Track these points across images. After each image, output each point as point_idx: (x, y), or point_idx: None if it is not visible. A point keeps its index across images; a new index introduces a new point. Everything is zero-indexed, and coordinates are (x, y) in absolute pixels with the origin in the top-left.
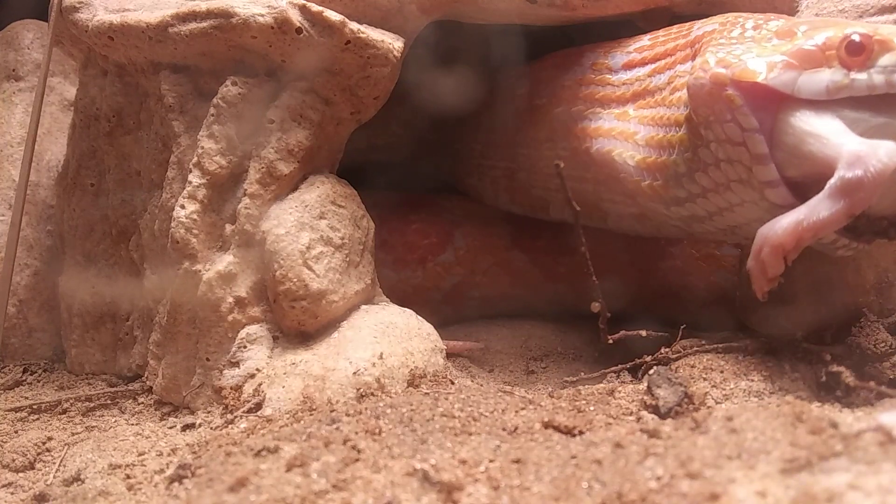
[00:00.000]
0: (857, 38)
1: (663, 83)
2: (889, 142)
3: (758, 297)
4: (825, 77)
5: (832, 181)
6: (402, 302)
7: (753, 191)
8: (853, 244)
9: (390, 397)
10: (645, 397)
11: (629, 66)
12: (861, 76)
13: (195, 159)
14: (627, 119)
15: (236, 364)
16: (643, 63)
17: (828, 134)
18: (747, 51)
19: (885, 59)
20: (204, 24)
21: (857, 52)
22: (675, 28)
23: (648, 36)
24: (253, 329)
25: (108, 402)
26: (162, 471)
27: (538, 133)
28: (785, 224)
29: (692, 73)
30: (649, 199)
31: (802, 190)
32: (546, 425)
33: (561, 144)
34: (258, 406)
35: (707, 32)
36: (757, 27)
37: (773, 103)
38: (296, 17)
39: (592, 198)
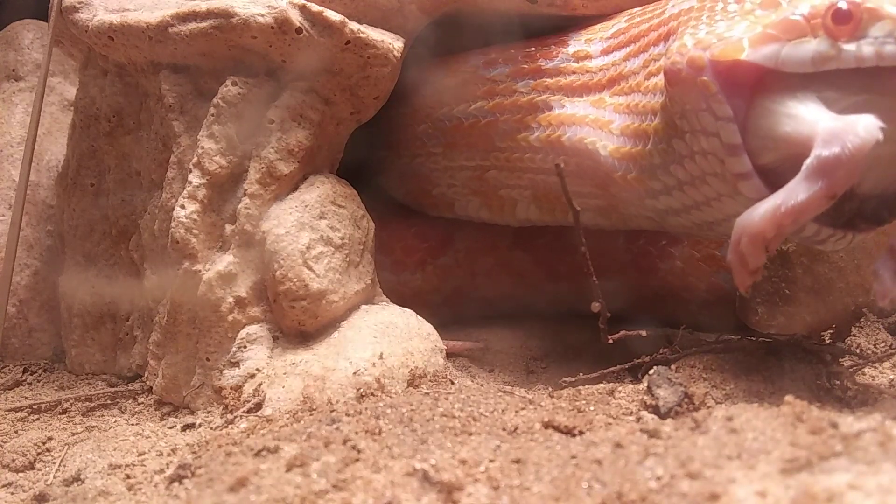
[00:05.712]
0: (843, 5)
1: (638, 67)
2: (867, 115)
3: (741, 292)
4: (810, 48)
5: (808, 161)
6: (401, 305)
7: (727, 185)
8: (846, 235)
9: (390, 397)
10: (645, 397)
11: (607, 52)
12: (850, 47)
13: (195, 159)
14: (603, 106)
15: (236, 364)
16: (619, 47)
17: (804, 113)
18: (729, 28)
19: (875, 30)
20: (204, 25)
21: (845, 21)
22: (651, 6)
23: (626, 17)
24: (253, 329)
25: (108, 402)
26: (162, 471)
27: (514, 123)
28: (762, 211)
29: (668, 56)
30: (623, 190)
31: (778, 182)
32: (546, 425)
33: (535, 135)
34: (258, 406)
35: (684, 10)
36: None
37: (750, 88)
38: (296, 17)
39: (558, 189)
